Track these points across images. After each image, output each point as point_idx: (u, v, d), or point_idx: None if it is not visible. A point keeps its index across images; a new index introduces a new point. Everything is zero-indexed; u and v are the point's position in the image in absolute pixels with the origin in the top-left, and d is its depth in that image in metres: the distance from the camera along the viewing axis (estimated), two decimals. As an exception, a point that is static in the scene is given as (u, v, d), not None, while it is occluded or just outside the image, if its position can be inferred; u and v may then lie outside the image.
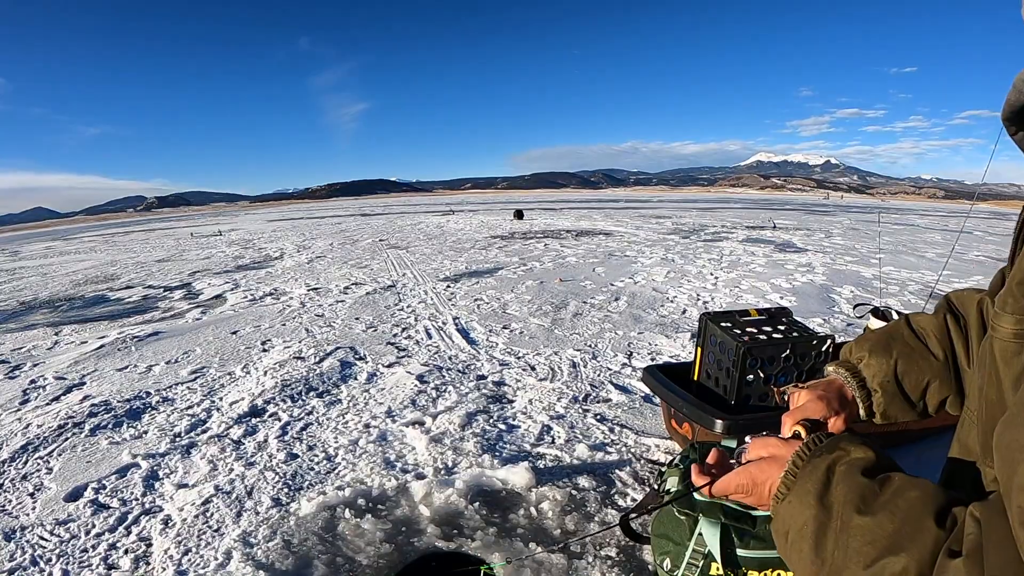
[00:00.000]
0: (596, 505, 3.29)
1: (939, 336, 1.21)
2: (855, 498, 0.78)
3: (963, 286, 8.13)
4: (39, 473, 3.90)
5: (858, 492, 0.79)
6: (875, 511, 0.75)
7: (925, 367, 1.19)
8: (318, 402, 4.96)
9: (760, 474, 0.95)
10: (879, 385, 1.21)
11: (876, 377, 1.21)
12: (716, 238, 18.90)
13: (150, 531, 3.20)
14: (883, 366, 1.21)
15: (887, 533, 0.72)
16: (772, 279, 10.57)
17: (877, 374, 1.21)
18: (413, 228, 27.01)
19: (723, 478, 1.01)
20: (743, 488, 0.97)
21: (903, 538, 0.71)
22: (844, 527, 0.77)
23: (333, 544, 2.99)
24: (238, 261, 16.44)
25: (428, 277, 11.53)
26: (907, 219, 34.50)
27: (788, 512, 0.85)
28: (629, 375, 5.41)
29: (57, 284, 13.94)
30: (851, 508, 0.77)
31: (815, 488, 0.83)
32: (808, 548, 0.80)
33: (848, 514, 0.77)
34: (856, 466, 0.83)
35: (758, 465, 0.96)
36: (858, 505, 0.77)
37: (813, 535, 0.80)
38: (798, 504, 0.84)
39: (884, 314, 4.73)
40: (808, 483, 0.85)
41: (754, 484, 0.96)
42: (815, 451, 0.89)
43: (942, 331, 1.21)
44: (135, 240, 31.15)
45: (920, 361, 1.19)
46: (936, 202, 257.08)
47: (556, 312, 8.02)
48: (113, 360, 6.47)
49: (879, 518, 0.74)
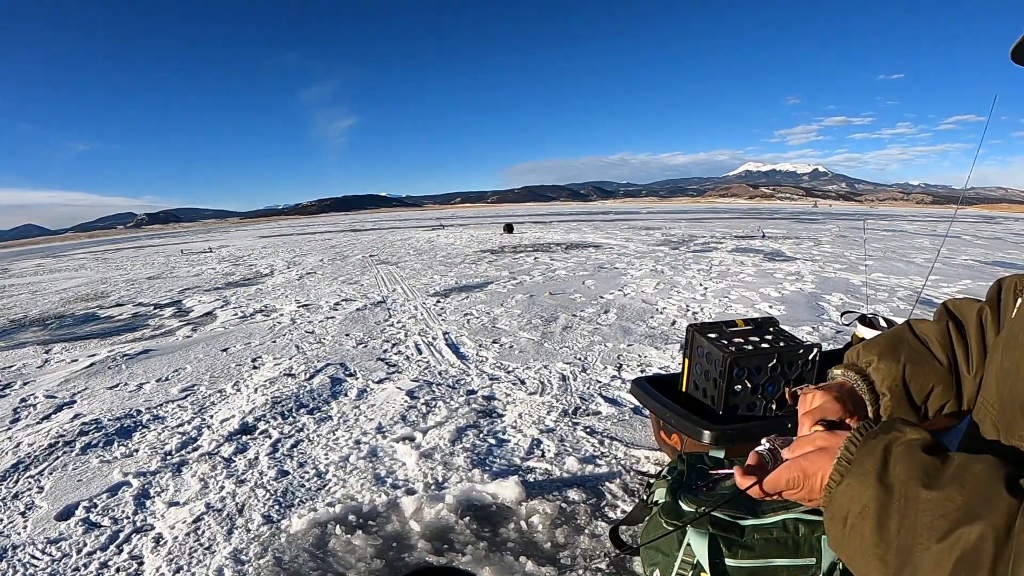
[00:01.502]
0: (586, 518, 3.30)
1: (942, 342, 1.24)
2: (919, 474, 0.77)
3: (952, 290, 8.18)
4: (30, 492, 3.89)
5: (921, 468, 0.78)
6: (942, 485, 0.74)
7: (930, 372, 1.22)
8: (308, 419, 4.97)
9: (811, 465, 0.93)
10: (888, 389, 1.23)
11: (885, 381, 1.23)
12: (705, 248, 18.97)
13: (141, 549, 3.20)
14: (892, 370, 1.23)
15: (957, 505, 0.71)
16: (761, 288, 10.63)
17: (886, 378, 1.23)
18: (403, 243, 27.01)
19: (772, 474, 0.99)
20: (794, 482, 0.95)
21: (976, 507, 0.70)
22: (909, 504, 0.75)
23: (324, 561, 2.99)
24: (228, 278, 16.40)
25: (418, 292, 11.54)
26: (896, 225, 34.69)
27: (846, 495, 0.83)
28: (619, 387, 5.43)
29: (47, 302, 13.89)
30: (916, 484, 0.76)
31: (875, 468, 0.81)
32: (871, 530, 0.78)
33: (913, 490, 0.76)
34: (914, 445, 0.82)
35: (808, 457, 0.95)
36: (923, 480, 0.76)
37: (875, 515, 0.78)
38: (857, 486, 0.82)
39: (871, 321, 4.75)
40: (867, 463, 0.83)
41: (805, 476, 0.93)
42: (869, 434, 0.87)
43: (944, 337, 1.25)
44: (125, 257, 31.07)
45: (926, 366, 1.22)
46: (924, 207, 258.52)
47: (546, 326, 8.04)
48: (103, 378, 6.45)
49: (948, 491, 0.73)
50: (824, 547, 2.20)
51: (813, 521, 2.23)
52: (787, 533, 2.21)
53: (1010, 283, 1.20)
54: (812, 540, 2.21)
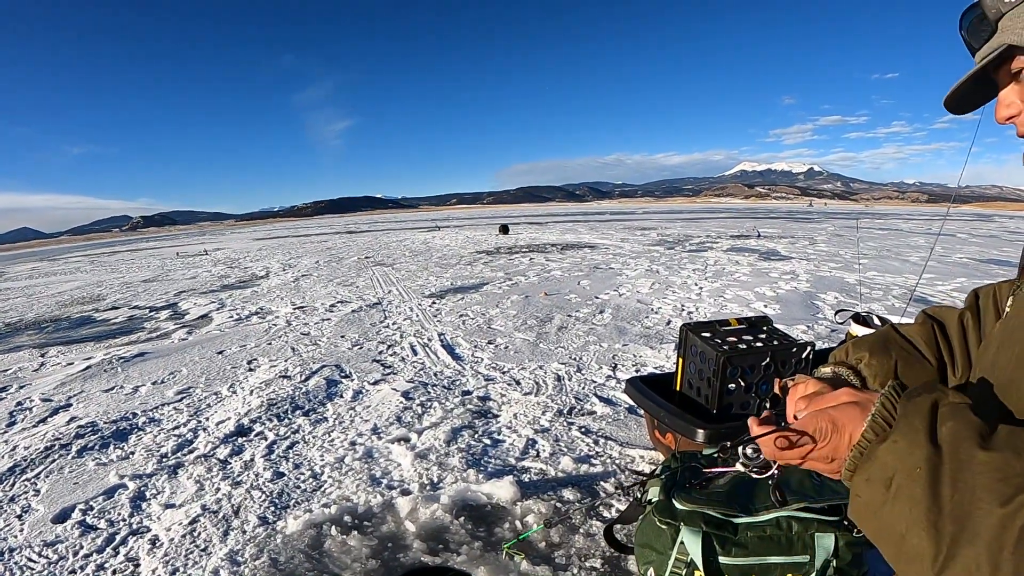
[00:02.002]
0: (581, 517, 3.31)
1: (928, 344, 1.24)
2: (972, 434, 0.71)
3: (947, 288, 8.19)
4: (27, 495, 3.90)
5: (975, 428, 0.71)
6: (998, 447, 0.69)
7: (921, 371, 1.21)
8: (304, 420, 4.97)
9: (842, 416, 0.84)
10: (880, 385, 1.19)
11: (878, 377, 1.20)
12: (701, 248, 19.01)
13: (138, 551, 3.20)
14: (885, 366, 1.21)
15: (1017, 471, 0.66)
16: (756, 288, 10.65)
17: (879, 374, 1.21)
18: (399, 245, 27.02)
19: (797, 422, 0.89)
20: (822, 432, 0.84)
21: None
22: (964, 466, 0.68)
23: (320, 561, 3.00)
24: (224, 280, 16.40)
25: (414, 294, 11.55)
26: (891, 223, 34.77)
27: (892, 454, 0.75)
28: (614, 387, 5.45)
29: (43, 305, 13.88)
30: (971, 444, 0.70)
31: (923, 425, 0.74)
32: (922, 492, 0.70)
33: (968, 451, 0.69)
34: (960, 406, 0.75)
35: (840, 408, 0.85)
36: (977, 441, 0.70)
37: (928, 477, 0.70)
38: (906, 444, 0.74)
39: (865, 320, 4.77)
40: (915, 420, 0.75)
41: (834, 428, 0.83)
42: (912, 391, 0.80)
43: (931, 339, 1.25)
44: (121, 260, 31.03)
45: (916, 365, 1.21)
46: (919, 206, 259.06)
47: (541, 326, 8.05)
48: (99, 381, 6.45)
49: (1005, 455, 0.67)
50: (818, 544, 2.22)
51: (806, 519, 2.24)
52: (780, 531, 2.22)
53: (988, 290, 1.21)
54: (805, 538, 2.23)
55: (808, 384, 1.09)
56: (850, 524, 2.25)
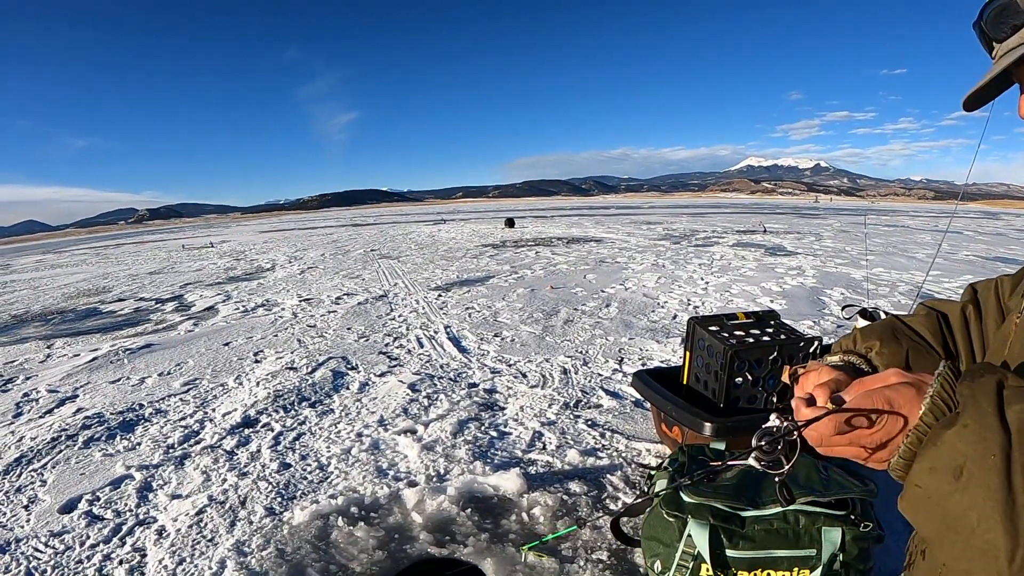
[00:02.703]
0: (587, 510, 3.31)
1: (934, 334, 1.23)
2: None
3: (953, 285, 8.17)
4: (33, 485, 3.91)
5: None
6: None
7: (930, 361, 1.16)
8: (310, 412, 4.98)
9: (899, 397, 0.76)
10: None
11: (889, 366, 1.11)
12: (707, 243, 18.98)
13: (144, 541, 3.21)
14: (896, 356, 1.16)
15: None
16: (762, 283, 10.64)
17: (891, 363, 1.14)
18: (404, 238, 27.02)
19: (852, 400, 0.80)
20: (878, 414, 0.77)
21: None
22: None
23: (326, 552, 3.01)
24: (230, 273, 16.42)
25: (419, 286, 11.56)
26: (898, 220, 34.66)
27: (963, 439, 0.68)
28: (620, 380, 5.44)
29: (49, 297, 13.91)
30: None
31: (993, 409, 0.68)
32: (998, 481, 0.64)
33: None
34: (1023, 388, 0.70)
35: (896, 389, 0.77)
36: None
37: (1003, 464, 0.64)
38: (978, 428, 0.67)
39: (872, 315, 4.75)
40: (983, 403, 0.69)
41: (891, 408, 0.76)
42: (972, 372, 0.74)
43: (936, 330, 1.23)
44: (127, 252, 31.07)
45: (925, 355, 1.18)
46: (926, 203, 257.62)
47: (547, 319, 8.05)
48: (106, 373, 6.47)
49: None
50: (825, 538, 2.21)
51: (813, 513, 2.24)
52: (787, 524, 2.22)
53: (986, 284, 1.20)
54: (812, 531, 2.22)
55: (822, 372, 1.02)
56: (857, 519, 2.24)
